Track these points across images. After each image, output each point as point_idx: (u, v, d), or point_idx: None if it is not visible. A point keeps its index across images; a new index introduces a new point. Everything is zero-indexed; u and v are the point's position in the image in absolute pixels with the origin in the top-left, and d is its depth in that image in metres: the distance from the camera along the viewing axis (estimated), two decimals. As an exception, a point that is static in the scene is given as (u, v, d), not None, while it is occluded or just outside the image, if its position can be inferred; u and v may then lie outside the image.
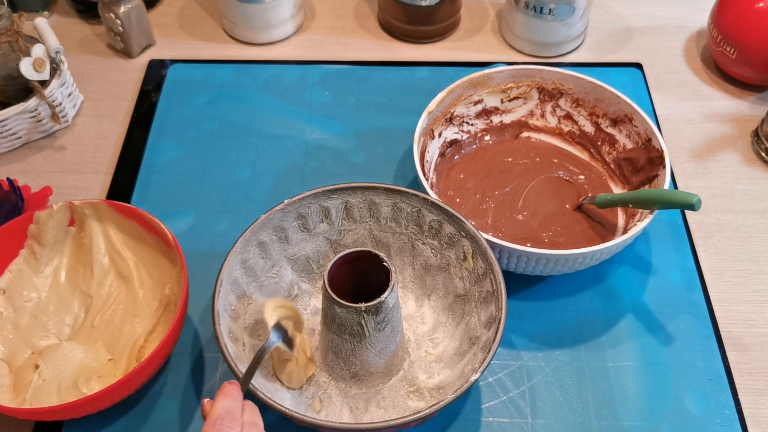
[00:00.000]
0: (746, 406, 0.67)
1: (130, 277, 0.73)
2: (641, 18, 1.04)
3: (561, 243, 0.75)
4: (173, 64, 0.96)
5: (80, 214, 0.72)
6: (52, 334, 0.71)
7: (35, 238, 0.71)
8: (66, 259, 0.74)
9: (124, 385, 0.60)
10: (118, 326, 0.71)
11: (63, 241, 0.73)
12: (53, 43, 0.84)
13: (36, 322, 0.71)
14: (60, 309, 0.72)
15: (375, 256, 0.60)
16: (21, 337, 0.69)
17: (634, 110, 0.78)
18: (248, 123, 0.89)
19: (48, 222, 0.71)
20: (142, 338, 0.69)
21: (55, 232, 0.72)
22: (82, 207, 0.72)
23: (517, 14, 0.94)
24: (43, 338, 0.70)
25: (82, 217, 0.73)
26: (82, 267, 0.73)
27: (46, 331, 0.71)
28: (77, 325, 0.71)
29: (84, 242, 0.73)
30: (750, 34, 0.87)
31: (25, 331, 0.70)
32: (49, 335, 0.71)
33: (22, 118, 0.83)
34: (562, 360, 0.70)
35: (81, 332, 0.71)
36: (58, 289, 0.73)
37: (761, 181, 0.84)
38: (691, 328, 0.72)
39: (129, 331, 0.70)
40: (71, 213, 0.72)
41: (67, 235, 0.73)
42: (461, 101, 0.82)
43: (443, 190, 0.80)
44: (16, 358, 0.68)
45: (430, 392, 0.65)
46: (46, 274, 0.73)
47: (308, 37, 1.01)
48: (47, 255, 0.73)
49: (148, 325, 0.70)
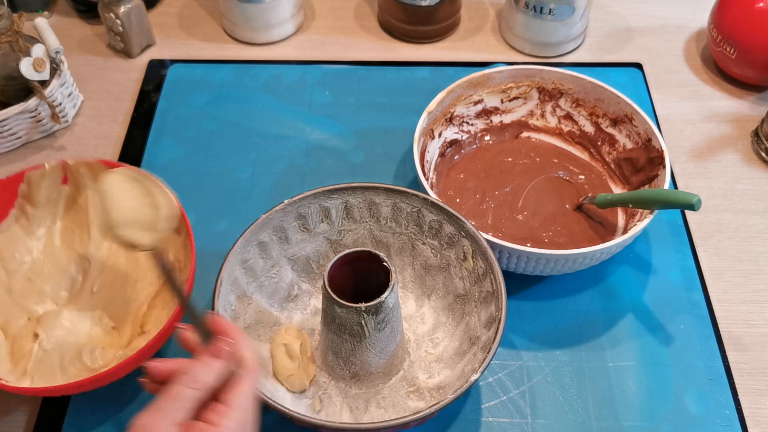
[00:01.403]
0: (746, 406, 0.67)
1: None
2: (641, 18, 1.04)
3: (561, 243, 0.75)
4: (173, 64, 0.96)
5: (75, 173, 0.68)
6: (48, 298, 0.68)
7: (26, 198, 0.68)
8: (60, 219, 0.70)
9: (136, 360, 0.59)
10: (119, 292, 0.68)
11: (56, 201, 0.69)
12: (53, 43, 0.84)
13: (31, 286, 0.68)
14: (56, 272, 0.69)
15: (375, 256, 0.60)
16: (15, 302, 0.67)
17: (634, 110, 0.78)
18: (248, 123, 0.89)
19: (40, 182, 0.68)
20: (144, 305, 0.67)
21: (47, 192, 0.68)
22: (77, 166, 0.68)
23: (517, 14, 0.94)
24: (38, 303, 0.67)
25: (76, 176, 0.69)
26: (78, 228, 0.70)
27: (42, 296, 0.68)
28: (75, 290, 0.69)
29: (79, 202, 0.70)
30: (750, 34, 0.87)
31: (19, 295, 0.67)
32: (45, 300, 0.68)
33: (22, 118, 0.83)
34: (562, 360, 0.70)
35: (80, 297, 0.68)
36: (53, 251, 0.69)
37: (761, 181, 0.84)
38: (691, 328, 0.72)
39: (130, 298, 0.68)
40: (65, 172, 0.69)
41: (61, 194, 0.69)
42: (461, 101, 0.82)
43: (443, 190, 0.80)
44: (12, 325, 0.66)
45: (430, 392, 0.65)
46: (39, 236, 0.69)
47: (308, 37, 1.01)
48: (40, 215, 0.69)
49: (151, 292, 0.68)
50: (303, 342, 0.66)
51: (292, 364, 0.64)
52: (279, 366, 0.65)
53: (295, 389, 0.64)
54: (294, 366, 0.64)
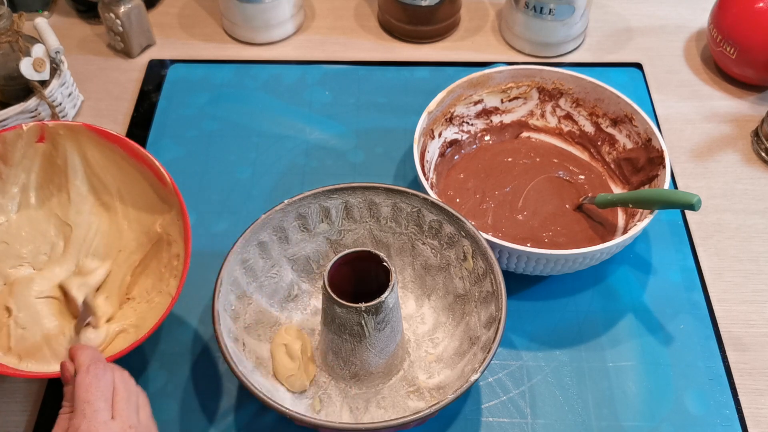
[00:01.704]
0: (746, 406, 0.67)
1: (112, 206, 0.67)
2: (641, 18, 1.04)
3: (561, 243, 0.75)
4: (173, 64, 0.96)
5: (53, 134, 0.65)
6: (26, 262, 0.66)
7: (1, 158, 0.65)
8: (34, 175, 0.67)
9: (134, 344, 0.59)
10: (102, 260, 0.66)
11: (32, 158, 0.66)
12: (53, 43, 0.84)
13: (7, 249, 0.66)
14: (34, 236, 0.67)
15: (375, 256, 0.60)
16: None
17: (634, 110, 0.78)
18: (248, 123, 0.89)
19: (16, 141, 0.64)
20: (128, 275, 0.66)
21: (22, 151, 0.65)
22: (56, 128, 0.65)
23: (517, 14, 0.94)
24: (15, 267, 0.66)
25: (55, 137, 0.65)
26: (56, 190, 0.67)
27: (20, 260, 0.66)
28: (56, 255, 0.67)
29: (57, 163, 0.66)
30: (750, 34, 0.87)
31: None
32: (23, 263, 0.66)
33: (22, 118, 0.83)
34: (562, 360, 0.70)
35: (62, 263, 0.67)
36: (29, 212, 0.67)
37: (761, 181, 0.84)
38: (691, 328, 0.72)
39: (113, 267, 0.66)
40: (42, 132, 0.65)
41: (36, 151, 0.66)
42: (461, 101, 0.82)
43: (443, 190, 0.80)
44: None
45: (430, 392, 0.65)
46: (12, 195, 0.66)
47: (308, 37, 1.01)
48: (14, 174, 0.66)
49: (135, 260, 0.66)
50: (303, 342, 0.66)
51: (293, 364, 0.64)
52: (279, 366, 0.65)
53: (295, 389, 0.64)
54: (294, 366, 0.64)
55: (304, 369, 0.65)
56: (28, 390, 0.68)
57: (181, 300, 0.73)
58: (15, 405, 0.67)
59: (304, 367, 0.65)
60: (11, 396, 0.67)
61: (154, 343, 0.70)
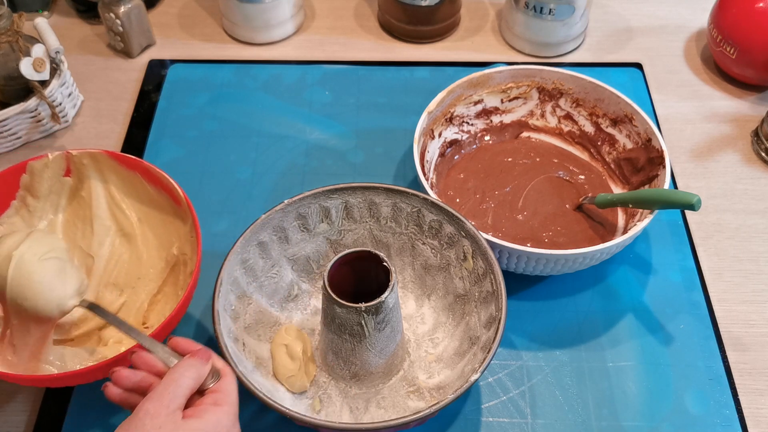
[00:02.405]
0: (746, 406, 0.67)
1: (133, 235, 0.69)
2: (641, 18, 1.04)
3: (561, 243, 0.75)
4: (173, 64, 0.96)
5: (78, 164, 0.68)
6: None
7: (28, 190, 0.67)
8: (62, 212, 0.69)
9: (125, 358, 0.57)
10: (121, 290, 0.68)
11: (59, 193, 0.69)
12: (53, 43, 0.84)
13: None
14: None
15: (375, 256, 0.60)
16: None
17: (634, 110, 0.78)
18: (248, 123, 0.89)
19: (43, 172, 0.67)
20: (146, 302, 0.67)
21: (49, 183, 0.68)
22: (80, 157, 0.67)
23: (517, 14, 0.94)
24: None
25: (80, 168, 0.68)
26: (81, 223, 0.69)
27: None
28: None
29: (82, 195, 0.69)
30: (750, 34, 0.87)
31: None
32: None
33: (22, 118, 0.83)
34: (562, 360, 0.70)
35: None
36: None
37: (761, 181, 0.84)
38: (691, 328, 0.72)
39: (131, 295, 0.67)
40: (68, 163, 0.68)
41: (63, 186, 0.69)
42: (461, 101, 0.82)
43: (443, 190, 0.80)
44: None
45: (430, 392, 0.65)
46: (40, 228, 0.68)
47: (308, 37, 1.01)
48: (41, 208, 0.68)
49: (153, 288, 0.67)
50: (303, 342, 0.66)
51: (293, 364, 0.64)
52: (279, 366, 0.65)
53: (295, 390, 0.64)
54: (295, 367, 0.64)
55: (305, 369, 0.65)
56: (28, 390, 0.68)
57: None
58: (15, 405, 0.67)
59: (305, 367, 0.65)
60: (11, 396, 0.67)
61: (154, 343, 0.70)
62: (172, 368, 0.51)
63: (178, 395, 0.49)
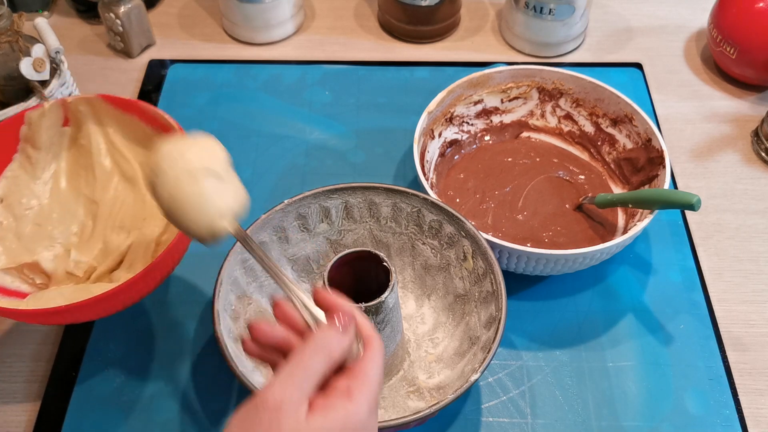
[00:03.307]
0: (746, 406, 0.67)
1: (135, 177, 0.69)
2: (641, 18, 1.04)
3: (561, 243, 0.75)
4: (173, 64, 0.96)
5: (75, 111, 0.68)
6: (58, 243, 0.68)
7: (28, 141, 0.67)
8: (64, 162, 0.70)
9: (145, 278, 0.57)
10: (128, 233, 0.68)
11: (59, 144, 0.69)
12: (53, 43, 0.84)
13: (40, 231, 0.68)
14: (65, 217, 0.69)
15: (375, 256, 0.60)
16: (25, 247, 0.67)
17: (634, 110, 0.78)
18: (248, 123, 0.89)
19: (41, 122, 0.67)
20: (153, 242, 0.67)
21: (49, 133, 0.68)
22: (76, 103, 0.68)
23: (517, 14, 0.94)
24: (48, 248, 0.68)
25: (77, 116, 0.69)
26: (83, 171, 0.70)
27: (52, 240, 0.68)
28: (86, 236, 0.69)
29: (82, 143, 0.69)
30: (750, 34, 0.87)
31: (29, 240, 0.67)
32: (55, 244, 0.68)
33: (22, 118, 0.83)
34: (562, 360, 0.70)
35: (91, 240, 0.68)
36: (60, 195, 0.69)
37: (761, 181, 0.84)
38: (691, 328, 0.72)
39: (138, 237, 0.67)
40: (65, 111, 0.68)
41: (63, 136, 0.69)
42: (461, 101, 0.82)
43: (443, 190, 0.80)
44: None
45: (430, 392, 0.65)
46: (44, 180, 0.69)
47: (308, 37, 1.01)
48: (43, 159, 0.69)
49: (160, 227, 0.67)
50: None
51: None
52: None
53: None
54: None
55: None
56: (28, 390, 0.68)
57: (181, 300, 0.73)
58: (15, 405, 0.67)
59: None
60: (11, 396, 0.67)
61: (154, 343, 0.70)
62: (303, 346, 0.43)
63: (305, 384, 0.41)
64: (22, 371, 0.69)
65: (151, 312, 0.72)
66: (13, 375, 0.69)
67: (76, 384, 0.68)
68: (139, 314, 0.72)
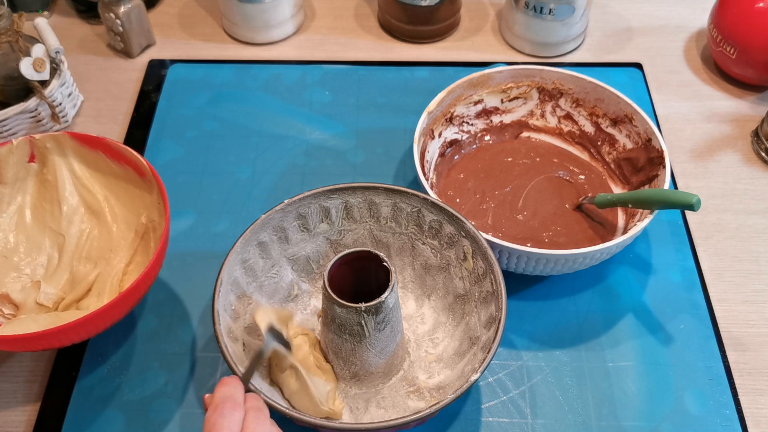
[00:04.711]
0: (746, 406, 0.67)
1: (100, 211, 0.71)
2: (641, 18, 1.04)
3: (561, 243, 0.75)
4: (173, 64, 0.96)
5: (41, 148, 0.70)
6: (25, 275, 0.70)
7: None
8: (29, 197, 0.72)
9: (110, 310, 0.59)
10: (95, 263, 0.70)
11: (24, 179, 0.71)
12: (53, 43, 0.84)
13: (7, 263, 0.69)
14: (31, 249, 0.71)
15: (375, 256, 0.60)
16: None
17: (634, 110, 0.78)
18: (248, 123, 0.89)
19: (8, 158, 0.69)
20: (120, 272, 0.69)
21: (15, 169, 0.70)
22: (43, 140, 0.69)
23: (517, 14, 0.94)
24: (16, 279, 0.69)
25: (43, 152, 0.70)
26: (48, 204, 0.71)
27: (19, 272, 0.70)
28: (52, 267, 0.71)
29: (48, 178, 0.71)
30: (750, 34, 0.87)
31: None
32: (22, 276, 0.70)
33: (22, 118, 0.83)
34: (562, 360, 0.70)
35: (58, 272, 0.70)
36: (26, 228, 0.71)
37: (761, 181, 0.84)
38: (691, 328, 0.72)
39: (105, 268, 0.69)
40: (31, 148, 0.70)
41: (29, 172, 0.71)
42: (461, 101, 0.82)
43: (443, 190, 0.80)
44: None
45: (430, 392, 0.65)
46: (9, 214, 0.71)
47: (308, 37, 1.01)
48: (8, 194, 0.70)
49: (125, 257, 0.69)
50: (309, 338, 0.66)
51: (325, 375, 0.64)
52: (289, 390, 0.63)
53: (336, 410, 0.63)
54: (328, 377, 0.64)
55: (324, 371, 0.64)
56: (28, 390, 0.68)
57: (181, 300, 0.73)
58: (15, 405, 0.67)
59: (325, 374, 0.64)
60: (11, 396, 0.67)
61: (154, 343, 0.70)
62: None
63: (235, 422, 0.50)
64: (22, 371, 0.69)
65: (151, 312, 0.72)
66: (13, 375, 0.69)
67: (76, 384, 0.68)
68: (139, 314, 0.72)
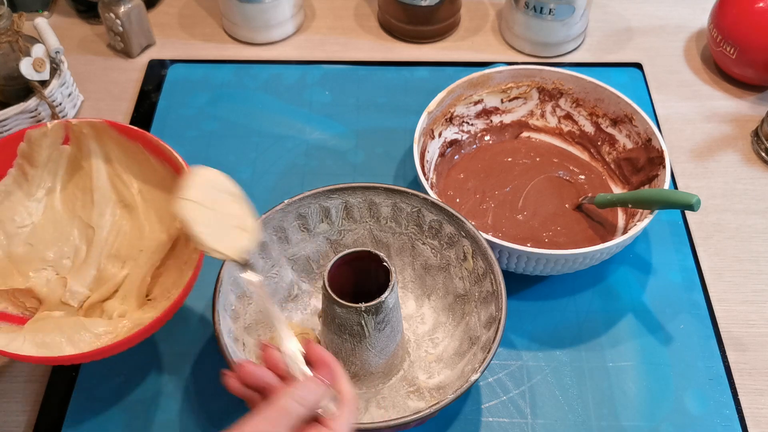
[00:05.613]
0: (746, 406, 0.67)
1: (134, 206, 0.68)
2: (641, 18, 1.04)
3: (561, 243, 0.75)
4: (173, 64, 0.96)
5: (77, 133, 0.66)
6: (49, 266, 0.66)
7: (26, 158, 0.65)
8: (60, 180, 0.68)
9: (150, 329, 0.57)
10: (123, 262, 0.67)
11: (57, 162, 0.67)
12: (53, 43, 0.84)
13: (32, 251, 0.66)
14: (58, 238, 0.67)
15: (375, 256, 0.60)
16: (16, 268, 0.65)
17: (634, 110, 0.78)
18: (248, 123, 0.89)
19: (41, 141, 0.65)
20: (149, 276, 0.66)
21: (48, 152, 0.66)
22: (80, 126, 0.65)
23: (517, 14, 0.94)
24: (39, 270, 0.66)
25: (79, 137, 0.66)
26: (80, 193, 0.68)
27: (44, 263, 0.66)
28: (79, 261, 0.67)
29: (82, 164, 0.67)
30: (750, 34, 0.87)
31: (20, 261, 0.65)
32: (47, 267, 0.66)
33: (22, 118, 0.83)
34: (562, 360, 0.70)
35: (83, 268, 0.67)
36: (54, 215, 0.67)
37: (761, 181, 0.84)
38: (691, 328, 0.72)
39: (134, 269, 0.66)
40: (67, 132, 0.66)
41: (62, 154, 0.67)
42: (461, 101, 0.82)
43: (443, 190, 0.80)
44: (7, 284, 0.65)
45: (430, 392, 0.65)
46: (39, 197, 0.67)
47: (308, 37, 1.01)
48: (39, 176, 0.66)
49: (156, 261, 0.66)
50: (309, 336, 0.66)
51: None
52: None
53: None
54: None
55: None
56: (28, 390, 0.68)
57: (181, 300, 0.73)
58: (15, 405, 0.67)
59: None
60: (11, 396, 0.67)
61: (154, 343, 0.70)
62: (286, 391, 0.47)
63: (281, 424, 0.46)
64: (22, 371, 0.69)
65: (151, 312, 0.72)
66: (13, 375, 0.69)
67: (76, 384, 0.68)
68: (139, 314, 0.72)
